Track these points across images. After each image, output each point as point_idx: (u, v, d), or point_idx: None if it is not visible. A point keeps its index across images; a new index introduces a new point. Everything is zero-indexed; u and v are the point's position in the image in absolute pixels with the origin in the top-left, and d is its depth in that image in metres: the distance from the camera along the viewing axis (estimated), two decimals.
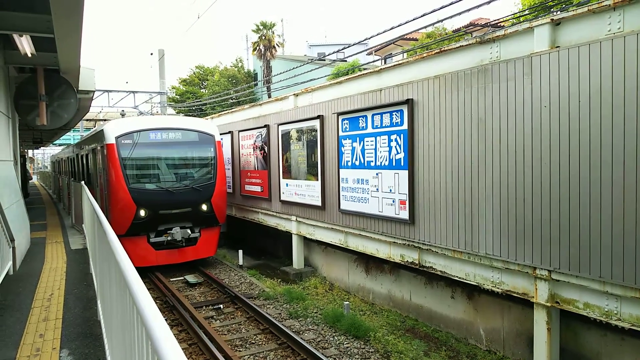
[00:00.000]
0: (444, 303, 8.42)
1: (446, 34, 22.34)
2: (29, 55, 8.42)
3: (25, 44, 7.98)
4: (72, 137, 36.61)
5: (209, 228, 12.57)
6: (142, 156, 11.96)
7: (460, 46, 7.21)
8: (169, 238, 11.69)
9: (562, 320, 6.40)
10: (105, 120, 25.03)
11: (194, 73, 42.65)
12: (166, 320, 7.17)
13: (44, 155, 71.98)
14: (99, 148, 12.65)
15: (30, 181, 35.79)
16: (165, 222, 11.76)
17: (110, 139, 11.55)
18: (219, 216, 12.60)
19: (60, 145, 40.84)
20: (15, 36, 7.70)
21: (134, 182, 11.54)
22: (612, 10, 5.32)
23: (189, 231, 11.90)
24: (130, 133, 11.76)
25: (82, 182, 10.61)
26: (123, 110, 24.89)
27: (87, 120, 28.90)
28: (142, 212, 11.38)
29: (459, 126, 7.24)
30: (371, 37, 11.09)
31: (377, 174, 8.92)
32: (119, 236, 10.49)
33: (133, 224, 11.34)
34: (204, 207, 12.20)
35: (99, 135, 12.53)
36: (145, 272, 12.02)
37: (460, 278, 7.50)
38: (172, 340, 1.57)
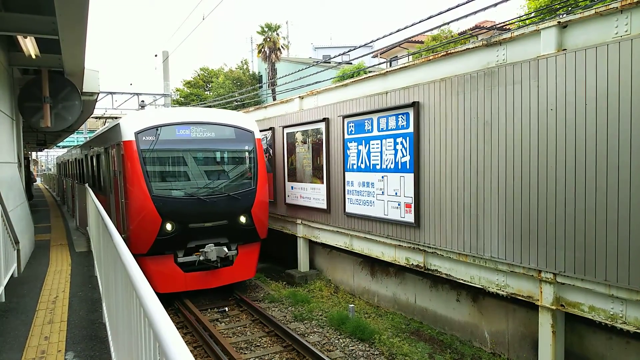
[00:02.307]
0: (449, 306, 8.38)
1: (452, 36, 22.33)
2: (34, 56, 8.45)
3: (29, 46, 8.00)
4: (75, 139, 36.72)
5: (248, 244, 10.47)
6: (167, 157, 9.97)
7: (467, 49, 7.20)
8: (201, 258, 9.63)
9: (567, 323, 6.37)
10: (116, 118, 22.79)
11: (199, 75, 42.77)
12: None
13: (47, 158, 72.24)
14: (113, 147, 10.64)
15: (34, 183, 35.90)
16: (196, 237, 9.71)
17: (129, 135, 9.52)
18: (259, 230, 10.51)
19: (64, 147, 40.94)
20: (20, 37, 7.72)
21: (158, 188, 9.48)
22: (619, 13, 5.30)
23: (225, 249, 9.71)
24: (153, 128, 9.64)
25: (86, 185, 10.54)
26: (143, 101, 20.00)
27: (95, 118, 26.51)
28: (169, 226, 9.33)
29: (464, 129, 7.22)
30: (377, 39, 11.09)
31: (382, 177, 8.91)
32: (139, 255, 9.12)
33: (157, 240, 9.31)
34: (243, 219, 10.14)
35: (114, 132, 10.50)
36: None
37: (465, 281, 7.47)
38: (181, 342, 1.56)
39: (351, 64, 26.23)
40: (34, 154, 45.83)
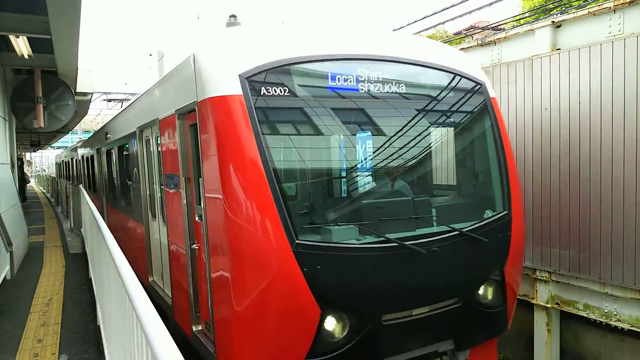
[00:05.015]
0: None
1: (447, 36, 22.35)
2: (26, 56, 8.39)
3: (22, 45, 7.94)
4: (70, 140, 36.56)
5: (484, 345, 4.72)
6: (320, 141, 4.39)
7: (462, 49, 7.19)
8: None
9: (562, 321, 6.38)
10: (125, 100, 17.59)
11: None
12: None
13: (42, 158, 71.88)
14: (168, 123, 4.99)
15: (28, 184, 35.72)
16: (393, 346, 4.01)
17: (224, 82, 3.78)
18: (511, 310, 4.71)
19: (58, 147, 40.74)
20: (12, 37, 7.66)
21: (307, 224, 3.89)
22: (612, 13, 5.32)
23: None
24: (280, 67, 3.87)
25: (81, 186, 10.39)
26: (235, 17, 7.07)
27: (108, 100, 21.99)
28: (336, 326, 3.74)
29: None
30: None
31: None
32: None
33: None
34: (488, 291, 4.49)
35: (176, 81, 4.76)
36: None
37: None
38: (174, 347, 1.54)
39: None
40: (28, 154, 45.60)
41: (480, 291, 4.39)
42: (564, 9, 10.42)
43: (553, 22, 5.88)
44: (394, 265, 3.82)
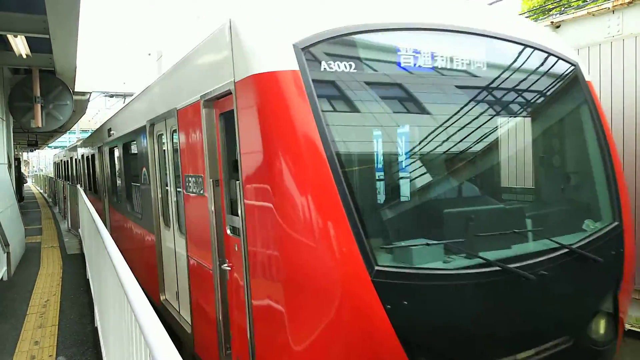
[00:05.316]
0: None
1: None
2: (24, 56, 8.35)
3: (20, 45, 7.91)
4: (68, 139, 36.51)
5: None
6: (401, 132, 3.42)
7: None
8: None
9: None
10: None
11: None
12: None
13: (38, 158, 71.75)
14: (192, 112, 4.03)
15: (25, 185, 35.67)
16: None
17: (274, 57, 2.85)
18: (619, 343, 3.78)
19: (56, 147, 40.67)
20: (10, 37, 7.63)
21: (385, 243, 2.93)
22: (611, 13, 5.32)
23: None
24: (346, 36, 3.01)
25: (78, 185, 10.35)
26: None
27: (110, 96, 20.82)
28: None
29: None
30: None
31: None
32: None
33: None
34: (599, 324, 3.53)
35: (201, 61, 4.04)
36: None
37: None
38: (173, 350, 1.52)
39: None
40: (25, 154, 45.52)
41: (595, 326, 3.49)
42: (563, 9, 10.43)
43: (552, 22, 5.86)
44: (494, 297, 2.97)
